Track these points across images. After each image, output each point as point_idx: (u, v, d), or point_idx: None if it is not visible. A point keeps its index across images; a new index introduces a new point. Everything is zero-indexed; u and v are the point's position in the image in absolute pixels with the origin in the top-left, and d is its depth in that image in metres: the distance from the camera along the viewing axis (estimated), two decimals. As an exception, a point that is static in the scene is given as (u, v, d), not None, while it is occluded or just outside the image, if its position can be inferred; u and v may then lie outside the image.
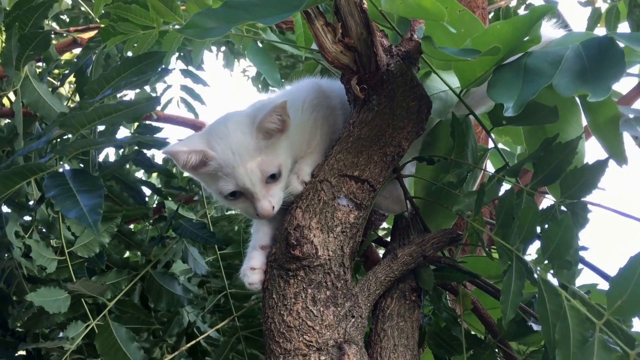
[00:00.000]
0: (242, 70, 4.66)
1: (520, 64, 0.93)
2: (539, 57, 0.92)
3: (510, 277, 0.89)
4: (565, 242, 0.81)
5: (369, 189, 1.08)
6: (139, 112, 0.94)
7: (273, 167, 1.07)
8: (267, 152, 1.08)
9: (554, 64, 0.87)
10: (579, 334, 0.79)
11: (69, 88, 2.17)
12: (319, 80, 1.28)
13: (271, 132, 1.08)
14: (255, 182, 1.07)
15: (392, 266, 1.10)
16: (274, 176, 1.08)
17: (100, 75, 1.05)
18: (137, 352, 1.34)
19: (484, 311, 1.25)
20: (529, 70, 0.91)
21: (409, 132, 1.09)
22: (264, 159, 1.07)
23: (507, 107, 0.85)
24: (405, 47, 1.12)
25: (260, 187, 1.08)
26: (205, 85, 2.61)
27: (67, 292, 1.36)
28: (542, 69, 0.88)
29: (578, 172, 0.92)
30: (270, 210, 1.07)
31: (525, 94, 0.86)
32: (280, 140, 1.09)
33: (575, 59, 0.87)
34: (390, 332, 1.07)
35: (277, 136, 1.09)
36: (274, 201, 1.08)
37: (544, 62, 0.89)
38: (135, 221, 2.06)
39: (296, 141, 1.13)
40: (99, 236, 1.10)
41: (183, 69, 2.59)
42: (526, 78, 0.89)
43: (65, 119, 0.94)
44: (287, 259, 1.02)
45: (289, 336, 0.98)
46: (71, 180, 0.87)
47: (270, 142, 1.08)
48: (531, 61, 0.92)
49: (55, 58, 1.72)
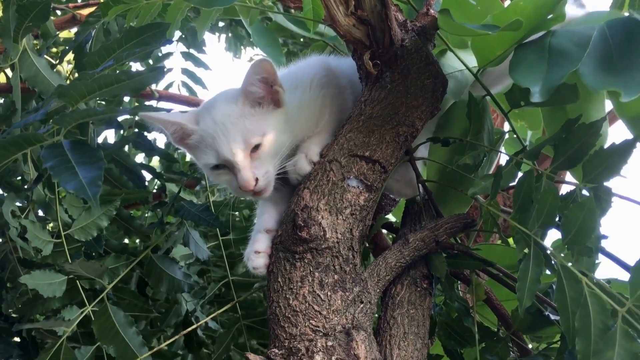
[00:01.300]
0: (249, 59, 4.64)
1: (544, 43, 0.91)
2: (564, 37, 0.90)
3: (527, 263, 0.88)
4: (587, 226, 0.80)
5: (380, 170, 1.07)
6: (143, 83, 0.92)
7: (255, 136, 1.05)
8: (252, 120, 1.06)
9: (581, 46, 0.85)
10: (600, 322, 0.78)
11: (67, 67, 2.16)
12: (327, 58, 1.27)
13: (259, 99, 1.07)
14: (236, 152, 1.05)
15: (403, 251, 1.09)
16: (257, 146, 1.05)
17: (101, 46, 1.04)
18: (136, 337, 1.33)
19: (497, 302, 1.24)
20: (554, 51, 0.89)
21: (423, 111, 1.08)
22: (247, 126, 1.06)
23: (533, 91, 0.84)
24: (420, 22, 1.10)
25: (242, 157, 1.05)
26: (207, 69, 2.60)
27: (64, 274, 1.35)
28: (568, 51, 0.86)
29: (602, 155, 0.90)
30: (252, 181, 1.04)
31: (552, 78, 0.84)
32: (272, 113, 1.08)
33: (601, 41, 0.85)
34: (401, 319, 1.06)
35: (268, 107, 1.07)
36: (258, 173, 1.05)
37: (569, 43, 0.87)
38: (135, 206, 2.05)
39: (303, 119, 1.12)
40: (97, 208, 1.09)
41: (184, 52, 2.57)
42: (552, 60, 0.87)
43: (64, 90, 0.92)
44: (293, 241, 1.01)
45: (294, 321, 0.97)
46: (70, 152, 0.86)
47: (258, 111, 1.07)
48: (556, 41, 0.90)
49: (53, 34, 1.71)
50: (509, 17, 0.94)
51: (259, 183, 1.06)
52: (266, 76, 1.06)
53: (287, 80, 1.17)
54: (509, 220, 0.96)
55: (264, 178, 1.06)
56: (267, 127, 1.07)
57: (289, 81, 1.16)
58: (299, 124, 1.12)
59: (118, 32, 1.67)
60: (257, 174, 1.06)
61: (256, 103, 1.07)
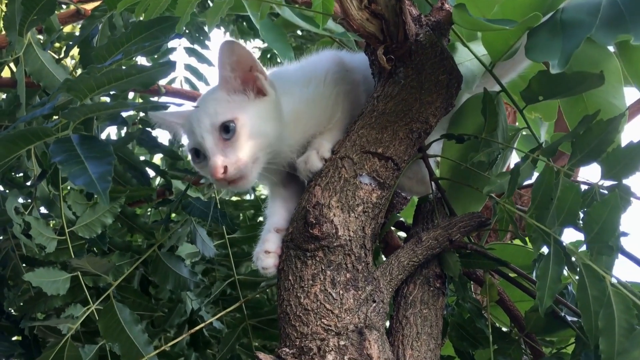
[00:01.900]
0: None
1: (555, 21, 0.90)
2: (574, 11, 0.90)
3: (547, 262, 0.88)
4: (610, 224, 0.80)
5: (393, 167, 1.07)
6: (152, 77, 0.92)
7: (222, 117, 1.03)
8: (224, 105, 1.05)
9: (592, 13, 0.85)
10: (625, 321, 0.77)
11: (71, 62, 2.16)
12: (340, 53, 1.27)
13: (242, 87, 1.06)
14: (204, 135, 1.03)
15: (415, 250, 1.08)
16: (228, 131, 1.02)
17: (109, 40, 1.03)
18: (141, 335, 1.33)
19: (511, 303, 1.23)
20: (566, 24, 0.88)
21: (437, 107, 1.08)
22: (217, 109, 1.04)
23: (552, 64, 0.83)
24: (435, 16, 1.10)
25: (210, 141, 1.03)
26: (210, 65, 2.60)
27: (70, 271, 1.35)
28: (580, 20, 0.86)
29: (621, 152, 0.90)
30: (219, 169, 1.00)
31: (568, 46, 0.83)
32: (254, 101, 1.06)
33: (611, 7, 0.85)
34: (413, 319, 1.06)
35: (250, 95, 1.06)
36: (227, 161, 1.01)
37: (580, 14, 0.87)
38: (138, 204, 2.05)
39: (316, 114, 1.12)
40: (106, 204, 1.08)
41: (188, 47, 2.57)
42: (565, 33, 0.87)
43: (73, 84, 0.92)
44: (304, 239, 1.01)
45: (306, 320, 0.97)
46: (79, 147, 0.85)
47: (235, 98, 1.06)
48: (566, 15, 0.90)
49: (57, 28, 1.71)
50: (518, 3, 0.94)
51: (229, 171, 1.01)
52: (237, 59, 1.05)
53: (300, 74, 1.17)
54: (526, 218, 0.95)
55: (235, 166, 1.02)
56: (240, 112, 1.04)
57: (301, 75, 1.16)
58: (312, 119, 1.12)
59: (123, 26, 1.67)
60: (227, 162, 1.02)
61: (237, 90, 1.06)
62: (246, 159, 1.03)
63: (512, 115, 1.96)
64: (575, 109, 1.03)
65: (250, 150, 1.04)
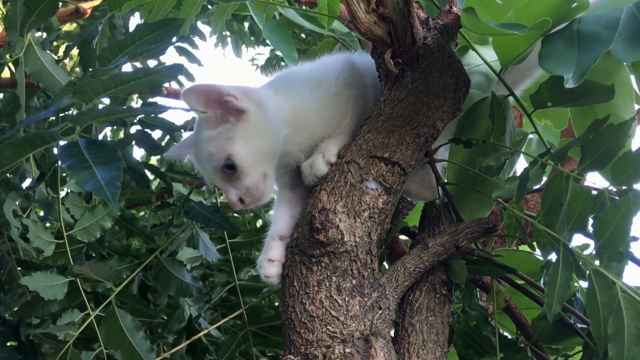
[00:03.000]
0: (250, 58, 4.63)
1: (572, 31, 0.92)
2: (592, 22, 0.92)
3: (556, 268, 0.89)
4: (621, 229, 0.81)
5: (399, 172, 1.09)
6: (160, 80, 0.94)
7: (219, 159, 1.06)
8: (215, 144, 1.07)
9: (611, 28, 0.86)
10: (634, 327, 0.79)
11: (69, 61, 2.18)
12: (352, 56, 1.27)
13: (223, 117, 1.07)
14: (212, 177, 1.10)
15: (422, 256, 1.10)
16: (230, 167, 1.06)
17: (114, 43, 1.05)
18: (143, 342, 1.35)
19: (517, 310, 1.25)
20: (583, 36, 0.90)
21: (444, 112, 1.10)
22: (211, 151, 1.07)
23: (567, 78, 0.85)
24: (443, 19, 1.12)
25: (220, 182, 1.10)
26: (200, 65, 2.61)
27: (71, 276, 1.37)
28: (598, 34, 0.88)
29: (632, 157, 0.91)
30: (237, 204, 1.08)
31: (584, 61, 0.85)
32: (237, 124, 1.07)
33: (630, 21, 0.87)
34: (419, 327, 1.08)
35: (233, 120, 1.07)
36: (240, 193, 1.08)
37: (598, 27, 0.89)
38: (137, 207, 2.07)
39: (325, 117, 1.14)
40: (116, 211, 1.10)
41: (178, 46, 2.57)
42: (582, 45, 0.89)
43: (78, 87, 0.94)
44: (310, 244, 1.03)
45: (311, 326, 0.99)
46: (87, 151, 0.87)
47: (222, 130, 1.07)
48: (584, 27, 0.92)
49: (56, 28, 1.73)
50: (534, 10, 0.95)
51: (246, 200, 1.08)
52: (204, 98, 1.06)
53: (311, 75, 1.19)
54: (535, 223, 0.97)
55: (248, 195, 1.08)
56: (231, 145, 1.06)
57: (313, 76, 1.18)
58: (321, 120, 1.14)
59: (123, 27, 1.69)
60: (240, 194, 1.08)
61: (220, 121, 1.08)
62: (254, 183, 1.08)
63: (518, 119, 1.98)
64: (585, 121, 1.04)
65: (255, 174, 1.08)
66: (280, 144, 1.12)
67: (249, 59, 4.58)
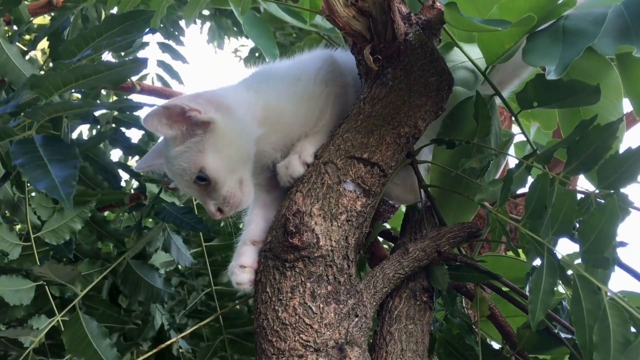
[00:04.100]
0: (233, 50, 4.61)
1: (557, 27, 0.92)
2: (579, 18, 0.92)
3: (540, 274, 0.88)
4: (607, 233, 0.80)
5: (379, 173, 1.07)
6: (123, 74, 0.91)
7: (191, 173, 1.06)
8: (185, 158, 1.06)
9: (597, 23, 0.87)
10: (620, 335, 0.78)
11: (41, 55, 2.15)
12: (333, 52, 1.26)
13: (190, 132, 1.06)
14: (188, 191, 1.10)
15: (402, 262, 1.08)
16: (203, 179, 1.06)
17: (79, 34, 1.02)
18: (110, 350, 1.32)
19: (502, 318, 1.23)
20: (568, 31, 0.91)
21: (426, 111, 1.08)
22: (183, 166, 1.06)
23: (549, 70, 0.84)
24: (425, 15, 1.10)
25: (196, 193, 1.10)
26: (185, 62, 2.58)
27: (32, 279, 1.34)
28: (583, 29, 0.88)
29: (619, 159, 0.90)
30: (216, 214, 1.09)
31: (567, 54, 0.85)
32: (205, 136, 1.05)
33: (617, 19, 0.87)
34: (398, 335, 1.06)
35: (201, 132, 1.05)
36: (218, 203, 1.08)
37: (585, 22, 0.89)
38: (109, 208, 2.04)
39: (302, 114, 1.12)
40: (70, 210, 1.07)
41: (161, 43, 2.55)
42: (566, 39, 0.89)
43: (38, 80, 0.91)
44: (284, 248, 1.01)
45: (283, 335, 0.97)
46: (42, 148, 0.85)
47: (191, 144, 1.06)
48: (570, 23, 0.92)
49: (27, 20, 1.70)
50: (518, 5, 0.95)
51: (224, 210, 1.09)
52: (166, 120, 1.04)
53: (289, 70, 1.17)
54: (519, 227, 0.96)
55: (226, 204, 1.08)
56: (201, 157, 1.05)
57: (290, 72, 1.16)
58: (297, 118, 1.12)
59: (97, 19, 1.66)
60: (219, 204, 1.08)
61: (188, 136, 1.06)
62: (231, 191, 1.08)
63: (507, 121, 1.97)
64: (572, 123, 1.03)
65: (230, 182, 1.08)
66: (253, 147, 1.11)
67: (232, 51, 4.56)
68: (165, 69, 2.59)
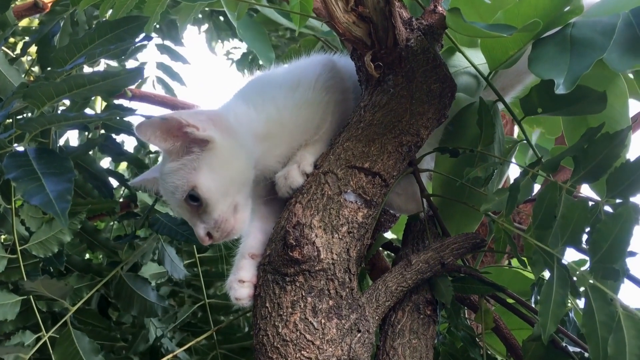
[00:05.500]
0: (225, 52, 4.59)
1: (565, 35, 0.92)
2: (587, 27, 0.92)
3: (550, 285, 0.88)
4: (619, 243, 0.80)
5: (380, 183, 1.07)
6: (118, 85, 0.91)
7: (182, 191, 1.05)
8: (179, 176, 1.05)
9: (606, 34, 0.86)
10: (636, 347, 0.78)
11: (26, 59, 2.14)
12: (333, 58, 1.26)
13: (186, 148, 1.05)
14: (178, 210, 1.09)
15: (404, 274, 1.08)
16: (195, 199, 1.05)
17: (71, 41, 1.02)
18: (101, 366, 1.31)
19: (507, 331, 1.24)
20: (576, 41, 0.90)
21: (429, 119, 1.08)
22: (176, 183, 1.06)
23: (557, 83, 0.84)
24: (427, 20, 1.10)
25: (187, 214, 1.09)
26: (185, 63, 2.58)
27: (22, 294, 1.33)
28: (592, 40, 0.88)
29: (629, 167, 0.91)
30: (205, 239, 1.07)
31: (576, 67, 0.85)
32: (201, 154, 1.05)
33: (627, 29, 0.87)
34: (402, 350, 1.06)
35: (195, 148, 1.05)
36: (208, 227, 1.07)
37: (593, 32, 0.89)
38: (99, 217, 2.03)
39: (302, 123, 1.12)
40: (66, 226, 1.07)
41: (159, 44, 2.55)
42: (575, 51, 0.89)
43: (29, 90, 0.91)
44: (284, 262, 1.01)
45: (284, 351, 0.96)
46: (35, 161, 0.84)
47: (187, 161, 1.05)
48: (577, 32, 0.92)
49: (12, 23, 1.69)
50: (524, 12, 0.95)
51: (214, 235, 1.07)
52: (161, 131, 1.03)
53: (287, 77, 1.16)
54: (527, 238, 0.96)
55: (216, 229, 1.07)
56: (195, 176, 1.04)
57: (289, 78, 1.16)
58: (297, 127, 1.12)
59: (87, 23, 1.66)
60: (208, 228, 1.07)
61: (184, 152, 1.05)
62: (223, 216, 1.06)
63: (509, 125, 1.98)
64: (578, 131, 1.04)
65: (222, 206, 1.06)
66: (251, 171, 1.10)
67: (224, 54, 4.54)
68: (165, 70, 2.59)
